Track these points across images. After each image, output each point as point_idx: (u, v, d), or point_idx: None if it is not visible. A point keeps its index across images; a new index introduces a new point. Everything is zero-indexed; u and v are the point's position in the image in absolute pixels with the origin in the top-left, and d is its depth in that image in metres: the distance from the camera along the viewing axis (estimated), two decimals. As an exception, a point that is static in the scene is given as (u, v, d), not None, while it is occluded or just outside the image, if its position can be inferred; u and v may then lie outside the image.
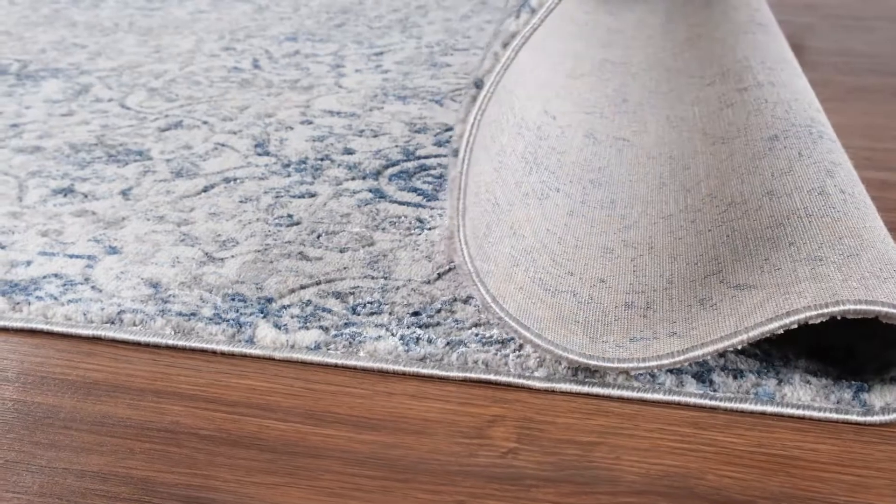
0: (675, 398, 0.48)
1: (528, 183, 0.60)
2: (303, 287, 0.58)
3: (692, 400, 0.48)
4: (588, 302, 0.52)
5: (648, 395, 0.48)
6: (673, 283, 0.53)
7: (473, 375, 0.50)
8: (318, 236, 0.64)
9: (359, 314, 0.55)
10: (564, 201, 0.61)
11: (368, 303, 0.56)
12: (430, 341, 0.52)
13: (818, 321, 0.44)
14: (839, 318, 0.44)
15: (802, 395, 0.47)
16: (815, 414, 0.46)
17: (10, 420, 0.48)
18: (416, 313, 0.55)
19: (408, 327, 0.53)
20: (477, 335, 0.53)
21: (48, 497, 0.42)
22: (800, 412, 0.46)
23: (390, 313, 0.55)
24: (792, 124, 0.65)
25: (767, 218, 0.54)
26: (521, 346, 0.51)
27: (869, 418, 0.46)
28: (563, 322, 0.50)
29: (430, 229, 0.65)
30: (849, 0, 1.41)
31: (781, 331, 0.45)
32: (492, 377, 0.50)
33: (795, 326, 0.45)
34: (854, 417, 0.46)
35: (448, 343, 0.52)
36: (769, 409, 0.47)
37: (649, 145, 0.73)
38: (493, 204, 0.53)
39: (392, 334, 0.53)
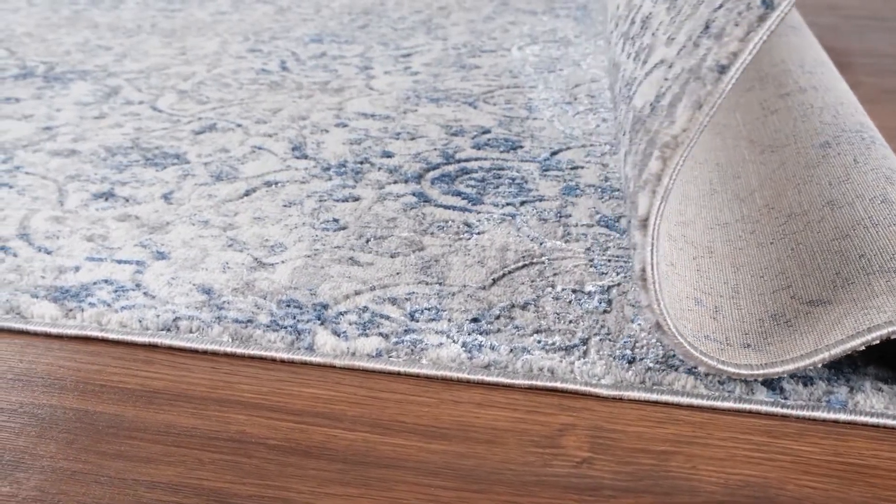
0: (746, 406, 0.47)
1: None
2: (357, 293, 0.57)
3: (763, 408, 0.47)
4: (666, 278, 0.51)
5: (719, 403, 0.47)
6: (739, 293, 0.52)
7: (539, 383, 0.49)
8: (367, 241, 0.64)
9: (417, 321, 0.54)
10: None
11: (426, 309, 0.55)
12: (492, 348, 0.52)
13: (900, 334, 0.44)
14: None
15: (875, 403, 0.47)
16: (890, 422, 0.46)
17: (73, 430, 0.47)
18: (475, 319, 0.54)
19: (469, 334, 0.53)
20: (539, 342, 0.52)
21: (121, 508, 0.42)
22: (874, 420, 0.46)
23: (449, 320, 0.54)
24: (842, 130, 0.64)
25: (832, 229, 0.53)
26: (586, 353, 0.51)
27: (944, 427, 0.46)
28: None
29: (478, 234, 0.64)
30: (870, 0, 1.41)
31: (863, 347, 0.44)
32: (558, 385, 0.49)
33: (877, 342, 0.44)
34: (930, 426, 0.46)
35: (511, 350, 0.51)
36: (842, 417, 0.46)
37: (694, 149, 0.73)
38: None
39: (453, 341, 0.52)
